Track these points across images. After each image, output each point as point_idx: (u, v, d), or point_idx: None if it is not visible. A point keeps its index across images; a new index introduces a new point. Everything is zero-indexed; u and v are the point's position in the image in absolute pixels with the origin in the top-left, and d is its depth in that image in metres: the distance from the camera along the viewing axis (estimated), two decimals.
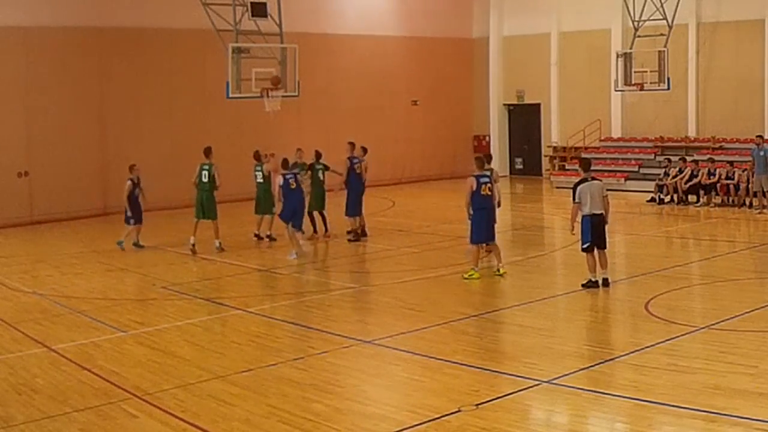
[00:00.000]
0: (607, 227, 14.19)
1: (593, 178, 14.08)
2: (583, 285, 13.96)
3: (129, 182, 19.19)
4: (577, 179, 14.56)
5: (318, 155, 20.82)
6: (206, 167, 18.82)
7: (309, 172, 20.17)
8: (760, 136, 23.63)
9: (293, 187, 18.02)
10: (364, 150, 20.66)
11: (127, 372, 10.43)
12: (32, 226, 24.19)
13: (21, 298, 15.11)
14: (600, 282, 13.86)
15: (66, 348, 11.59)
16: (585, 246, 13.86)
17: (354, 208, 19.76)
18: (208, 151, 19.09)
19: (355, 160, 19.99)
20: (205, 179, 18.73)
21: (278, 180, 18.33)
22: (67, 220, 24.74)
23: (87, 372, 10.48)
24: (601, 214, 13.89)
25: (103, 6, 25.44)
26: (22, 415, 9.05)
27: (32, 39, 24.36)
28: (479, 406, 8.76)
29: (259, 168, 20.16)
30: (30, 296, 15.16)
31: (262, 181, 19.89)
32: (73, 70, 25.25)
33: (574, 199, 13.90)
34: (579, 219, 13.97)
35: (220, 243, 18.74)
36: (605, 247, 13.99)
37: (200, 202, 18.81)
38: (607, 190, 14.53)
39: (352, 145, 20.36)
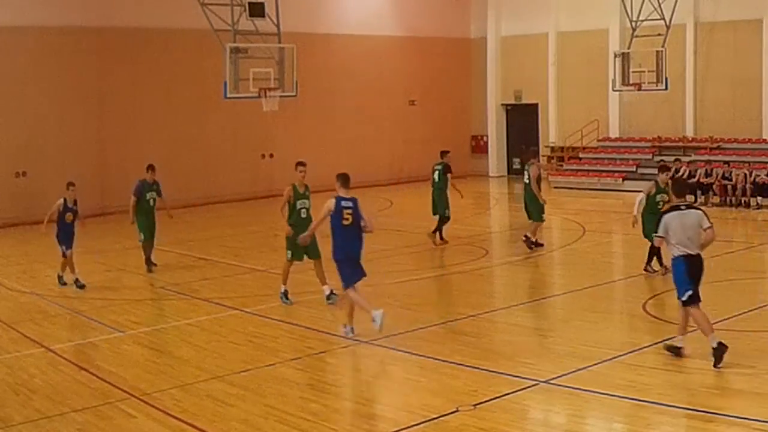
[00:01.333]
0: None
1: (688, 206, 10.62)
2: None
3: (60, 201, 15.80)
4: (573, 179, 14.47)
5: (443, 154, 19.60)
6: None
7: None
8: None
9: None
10: (534, 153, 19.65)
11: (125, 372, 10.43)
12: (30, 226, 24.14)
13: (19, 298, 15.12)
14: None
15: (64, 348, 11.60)
16: None
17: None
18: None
19: None
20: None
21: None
22: None
23: (85, 372, 10.48)
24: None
25: (103, 6, 25.46)
26: (19, 415, 9.04)
27: (31, 39, 24.37)
28: (477, 406, 8.76)
29: None
30: (28, 296, 15.16)
31: None
32: (72, 70, 25.27)
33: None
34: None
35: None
36: None
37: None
38: (605, 190, 14.13)
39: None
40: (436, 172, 19.08)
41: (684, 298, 10.12)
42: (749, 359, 9.91)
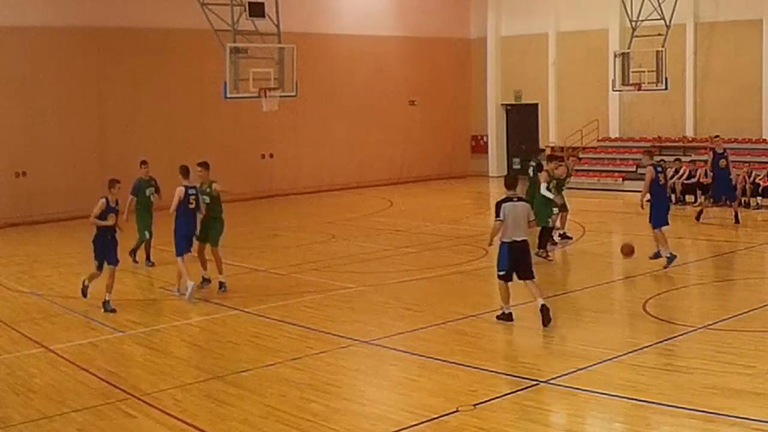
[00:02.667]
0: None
1: (519, 198, 12.23)
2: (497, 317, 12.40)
3: (102, 201, 13.95)
4: (572, 180, 14.46)
5: (536, 151, 21.08)
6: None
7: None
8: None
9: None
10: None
11: (125, 372, 10.43)
12: (30, 226, 24.18)
13: (19, 298, 15.11)
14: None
15: (64, 348, 11.59)
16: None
17: None
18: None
19: None
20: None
21: None
22: (65, 220, 24.69)
23: (85, 372, 10.48)
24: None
25: (103, 6, 25.45)
26: (20, 415, 9.05)
27: (31, 39, 24.36)
28: (477, 406, 8.77)
29: None
30: (28, 296, 15.15)
31: None
32: (72, 70, 25.26)
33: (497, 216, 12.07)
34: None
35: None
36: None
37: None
38: (605, 190, 14.25)
39: None
40: (530, 168, 19.77)
41: (500, 274, 12.01)
42: (749, 359, 9.92)
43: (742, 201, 23.71)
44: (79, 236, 22.33)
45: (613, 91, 29.26)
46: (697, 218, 21.31)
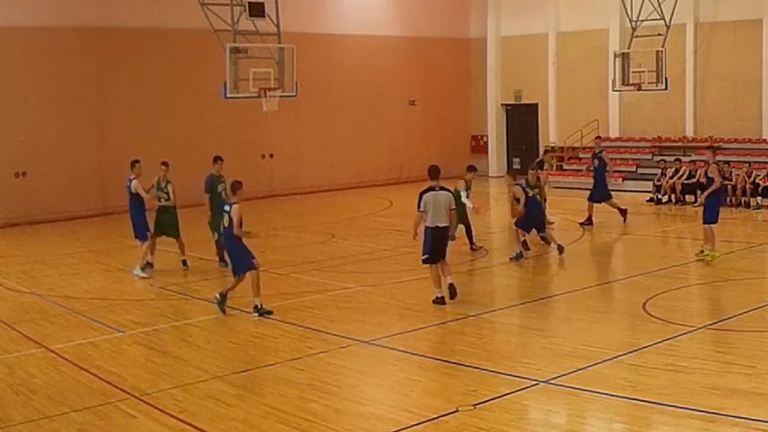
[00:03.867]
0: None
1: (441, 188, 13.27)
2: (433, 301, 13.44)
3: (238, 206, 13.32)
4: (572, 180, 14.52)
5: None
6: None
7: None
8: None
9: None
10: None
11: (125, 372, 10.43)
12: (30, 226, 24.18)
13: (19, 298, 15.11)
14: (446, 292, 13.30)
15: (64, 348, 11.60)
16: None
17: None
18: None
19: None
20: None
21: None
22: (65, 220, 24.73)
23: (85, 372, 10.49)
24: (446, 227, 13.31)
25: (102, 6, 25.45)
26: (20, 415, 9.05)
27: (31, 39, 24.36)
28: (477, 406, 8.77)
29: None
30: (28, 296, 15.15)
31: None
32: (72, 70, 25.24)
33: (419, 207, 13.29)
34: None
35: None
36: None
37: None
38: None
39: None
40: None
41: (424, 257, 13.18)
42: (749, 359, 9.92)
43: (742, 201, 23.68)
44: (79, 236, 22.45)
45: (613, 91, 29.24)
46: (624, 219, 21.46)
